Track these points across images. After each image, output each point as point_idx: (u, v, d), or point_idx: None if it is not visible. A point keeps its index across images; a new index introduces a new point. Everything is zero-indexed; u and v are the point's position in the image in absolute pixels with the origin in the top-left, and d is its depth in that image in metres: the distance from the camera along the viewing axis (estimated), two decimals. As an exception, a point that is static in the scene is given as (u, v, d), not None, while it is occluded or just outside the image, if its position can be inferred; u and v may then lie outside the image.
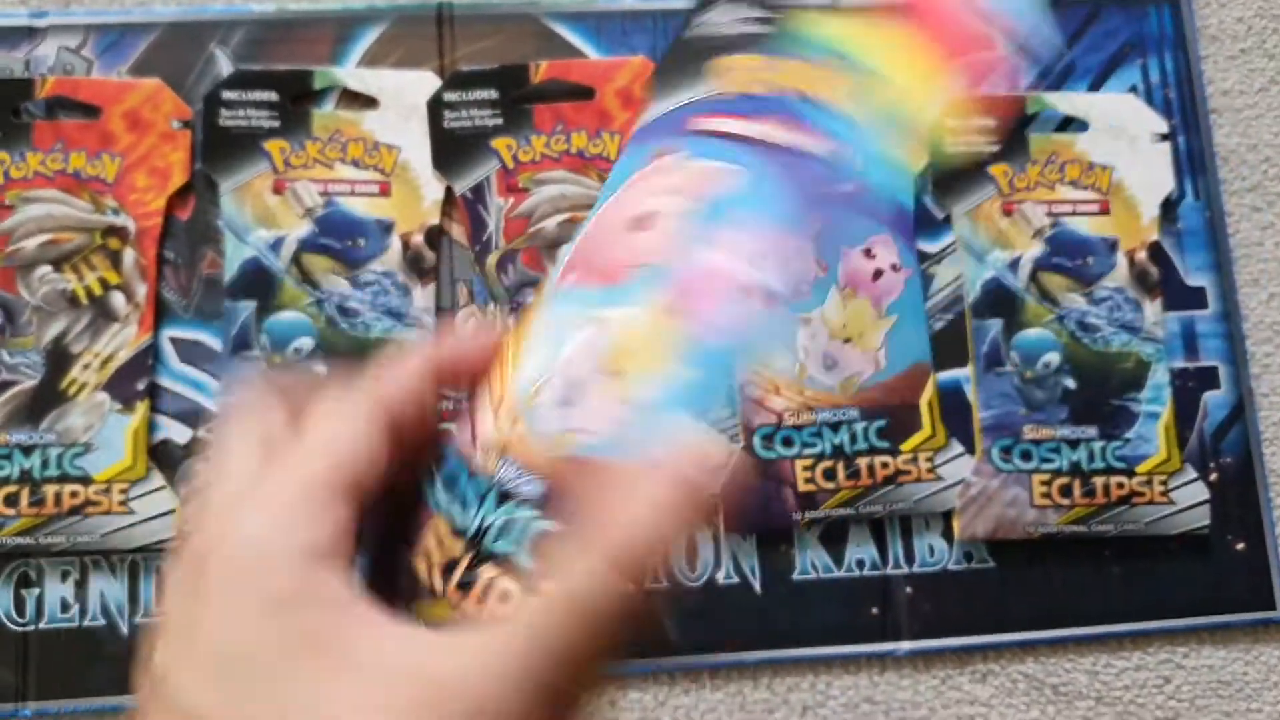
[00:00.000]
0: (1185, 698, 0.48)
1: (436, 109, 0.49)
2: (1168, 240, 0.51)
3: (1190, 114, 0.52)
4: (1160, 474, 0.48)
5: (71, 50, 0.49)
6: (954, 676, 0.48)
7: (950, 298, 0.50)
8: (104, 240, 0.47)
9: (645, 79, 0.49)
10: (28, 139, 0.47)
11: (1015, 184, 0.50)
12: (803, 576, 0.47)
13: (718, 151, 0.25)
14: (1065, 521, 0.47)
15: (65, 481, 0.45)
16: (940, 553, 0.48)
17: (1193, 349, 0.50)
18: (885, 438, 0.47)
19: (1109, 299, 0.49)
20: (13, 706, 0.44)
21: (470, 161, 0.48)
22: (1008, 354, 0.49)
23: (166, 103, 0.48)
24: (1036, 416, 0.48)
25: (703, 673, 0.47)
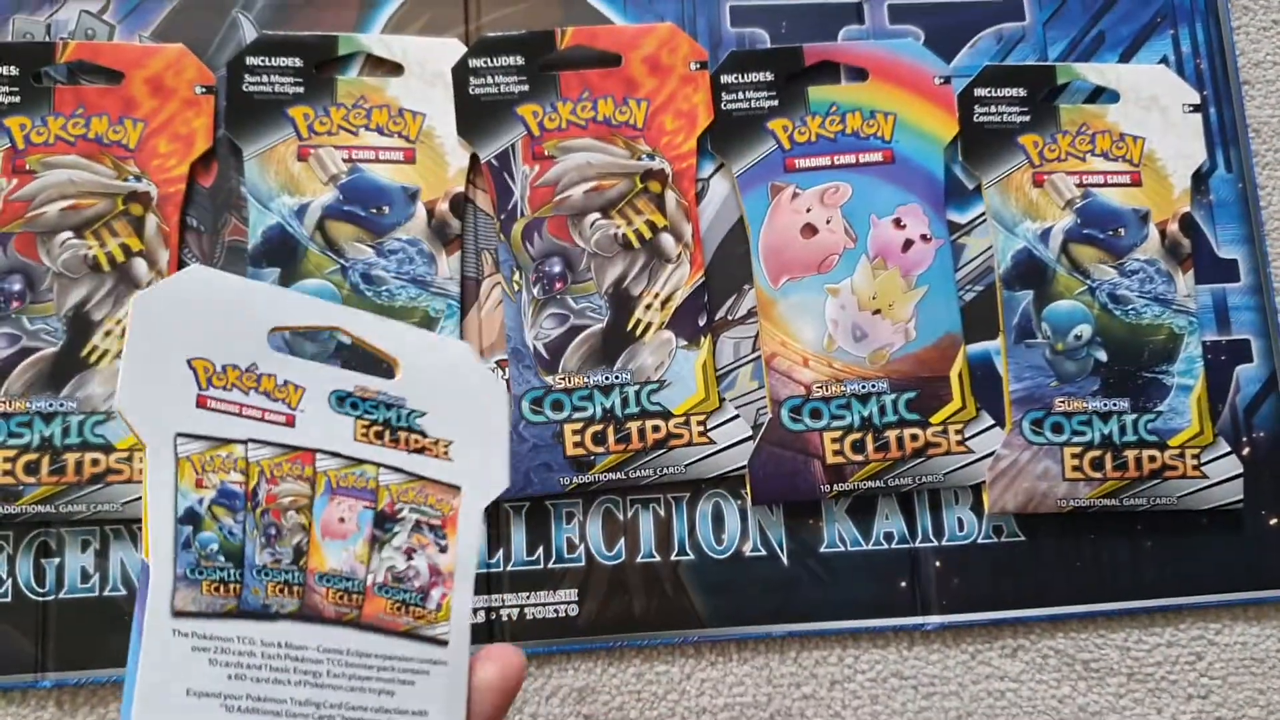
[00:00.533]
0: (1218, 674, 0.47)
1: (462, 75, 0.48)
2: (1199, 212, 0.50)
3: (1222, 85, 0.52)
4: (1193, 448, 0.47)
5: (93, 14, 0.49)
6: (983, 651, 0.47)
7: (980, 269, 0.49)
8: (126, 206, 0.47)
9: (671, 45, 0.49)
10: (49, 104, 0.47)
11: (1046, 154, 0.50)
12: (831, 549, 0.47)
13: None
14: (1096, 495, 0.47)
15: (86, 449, 0.45)
16: (970, 526, 0.47)
17: (1225, 322, 0.49)
18: (915, 410, 0.47)
19: (1140, 271, 0.49)
20: (32, 677, 0.44)
21: (496, 128, 0.48)
22: (1039, 326, 0.48)
23: (189, 68, 0.48)
24: (1068, 389, 0.48)
25: (729, 645, 0.46)
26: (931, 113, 0.49)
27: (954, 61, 0.51)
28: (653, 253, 0.48)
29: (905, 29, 0.51)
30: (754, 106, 0.49)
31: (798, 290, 0.48)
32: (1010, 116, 0.50)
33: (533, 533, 0.46)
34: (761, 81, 0.49)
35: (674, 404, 0.46)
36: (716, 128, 0.49)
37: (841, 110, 0.49)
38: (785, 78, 0.49)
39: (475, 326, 0.47)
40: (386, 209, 0.47)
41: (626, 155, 0.48)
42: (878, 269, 0.48)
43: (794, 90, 0.49)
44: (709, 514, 0.47)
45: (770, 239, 0.48)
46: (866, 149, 0.49)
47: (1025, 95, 0.50)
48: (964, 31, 0.51)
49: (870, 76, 0.50)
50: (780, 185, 0.49)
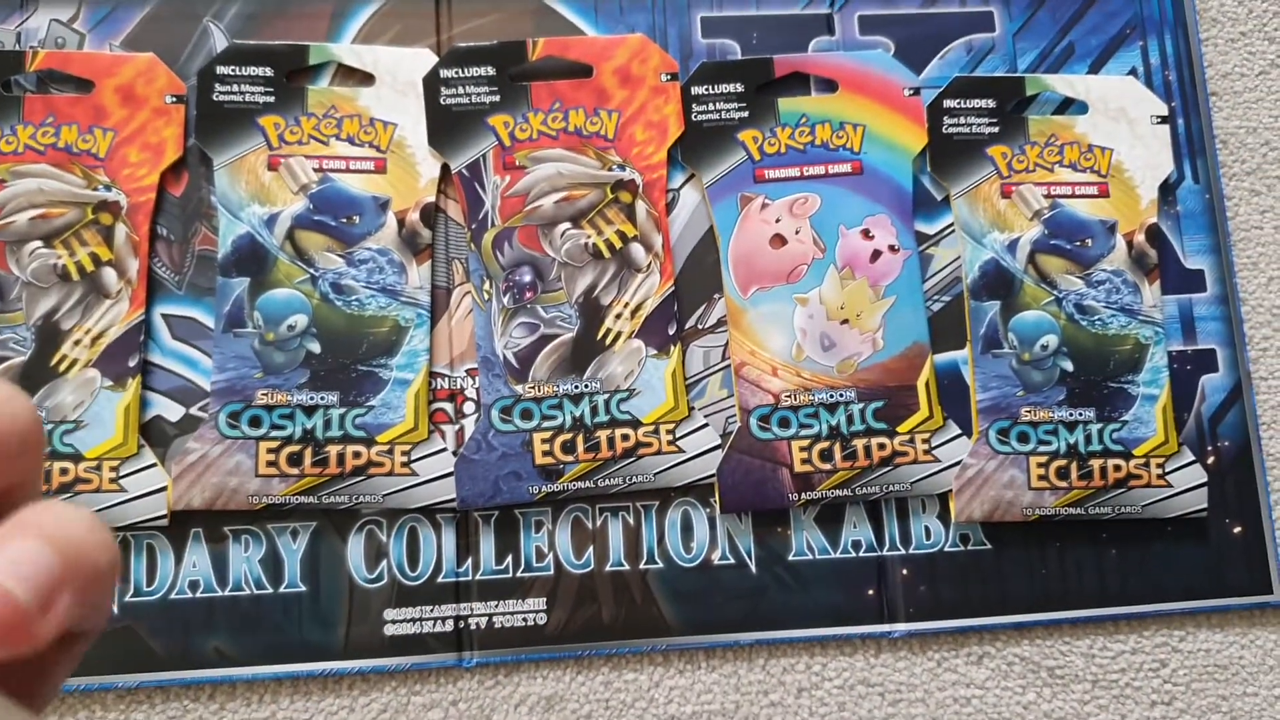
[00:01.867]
0: (1181, 681, 0.48)
1: (433, 85, 0.48)
2: (1166, 223, 0.51)
3: (1190, 97, 0.52)
4: (1158, 457, 0.48)
5: (64, 23, 0.49)
6: (950, 659, 0.47)
7: (948, 279, 0.49)
8: (95, 215, 0.47)
9: (642, 56, 0.49)
10: (18, 112, 0.47)
11: (1014, 165, 0.50)
12: (799, 558, 0.47)
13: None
14: (1062, 504, 0.47)
15: (55, 458, 0.45)
16: (937, 534, 0.48)
17: (1191, 332, 0.50)
18: (882, 419, 0.47)
19: (1107, 281, 0.49)
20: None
21: (467, 138, 0.48)
22: (1005, 336, 0.49)
23: (160, 77, 0.48)
24: (1034, 398, 0.48)
25: (698, 653, 0.47)
26: (901, 124, 0.50)
27: (924, 72, 0.51)
28: (623, 262, 0.48)
29: (875, 40, 0.51)
30: (724, 118, 0.49)
31: (767, 300, 0.48)
32: (979, 128, 0.50)
33: (501, 541, 0.46)
34: (732, 93, 0.49)
35: (644, 413, 0.47)
36: (687, 139, 0.49)
37: (811, 121, 0.49)
38: (755, 89, 0.50)
39: (445, 335, 0.48)
40: (357, 218, 0.47)
41: (597, 166, 0.48)
42: (846, 279, 0.48)
43: (764, 101, 0.49)
44: (678, 522, 0.47)
45: (740, 249, 0.48)
46: (836, 160, 0.49)
47: (994, 106, 0.50)
48: (934, 42, 0.52)
49: (840, 88, 0.50)
50: (750, 196, 0.49)
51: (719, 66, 0.50)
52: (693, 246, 0.49)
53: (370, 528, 0.46)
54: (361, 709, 0.45)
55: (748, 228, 0.49)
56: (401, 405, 0.46)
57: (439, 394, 0.47)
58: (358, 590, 0.45)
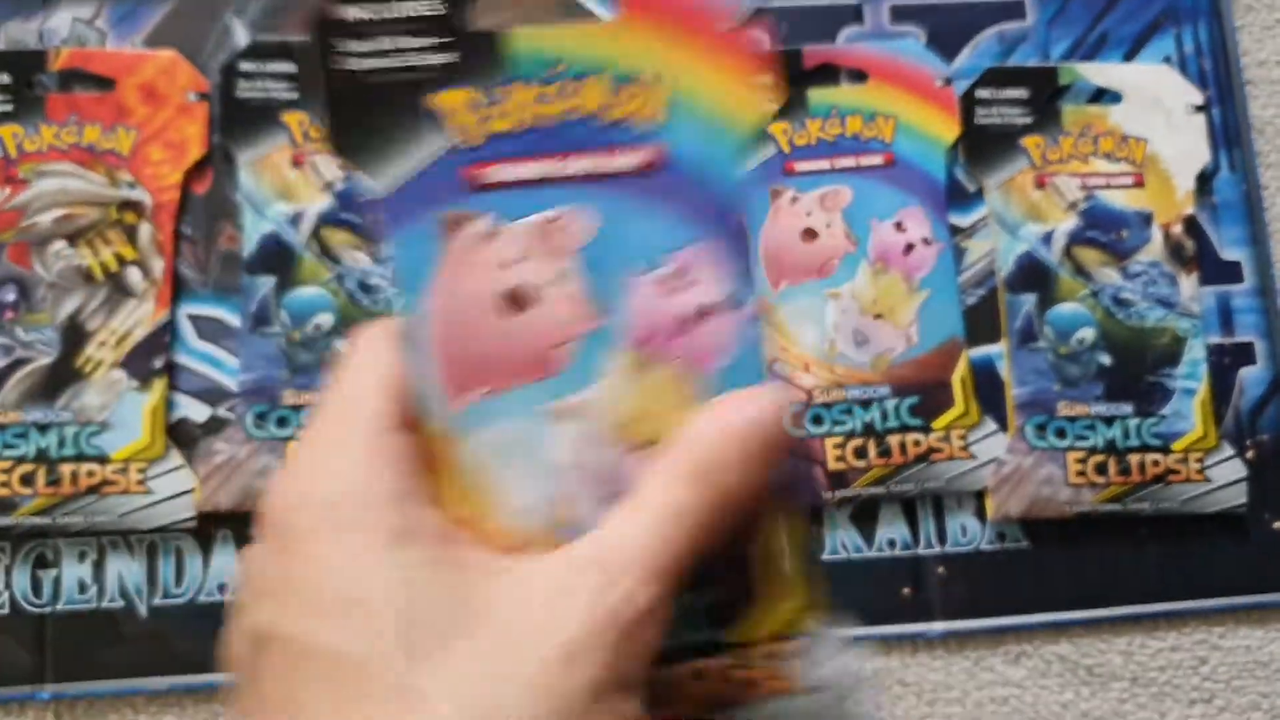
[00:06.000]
0: (1222, 678, 0.47)
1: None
2: (1203, 214, 0.50)
3: (1225, 85, 0.51)
4: (1196, 451, 0.47)
5: (85, 21, 0.48)
6: (987, 658, 0.47)
7: (983, 272, 0.49)
8: (120, 215, 0.46)
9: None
10: (41, 112, 0.46)
11: (1048, 156, 0.49)
12: (833, 556, 0.47)
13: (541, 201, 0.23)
14: (1100, 500, 0.47)
15: (82, 460, 0.44)
16: (973, 532, 0.47)
17: (1229, 324, 0.49)
18: (917, 415, 0.47)
19: (1144, 273, 0.48)
20: (30, 689, 0.44)
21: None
22: (1041, 329, 0.48)
23: (182, 74, 0.47)
24: (1071, 393, 0.47)
25: (732, 654, 0.46)
26: (933, 115, 0.49)
27: (955, 62, 0.50)
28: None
29: (906, 30, 0.51)
30: (753, 109, 0.48)
31: (798, 295, 0.47)
32: (1012, 118, 0.49)
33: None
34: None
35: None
36: (715, 131, 0.48)
37: (841, 113, 0.49)
38: (785, 81, 0.49)
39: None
40: (383, 216, 0.47)
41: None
42: (879, 273, 0.48)
43: (794, 93, 0.49)
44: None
45: (770, 243, 0.48)
46: (867, 152, 0.48)
47: (1027, 96, 0.49)
48: (965, 31, 0.51)
49: (870, 78, 0.49)
50: (780, 189, 0.48)
51: (747, 58, 0.49)
52: (722, 241, 0.48)
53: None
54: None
55: (778, 222, 0.48)
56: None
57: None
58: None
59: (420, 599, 0.18)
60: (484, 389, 0.23)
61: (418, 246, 0.22)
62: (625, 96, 0.23)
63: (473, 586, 0.19)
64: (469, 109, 0.23)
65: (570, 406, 0.23)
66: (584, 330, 0.23)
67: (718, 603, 0.23)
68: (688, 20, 0.23)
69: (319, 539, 0.19)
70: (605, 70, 0.23)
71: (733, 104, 0.24)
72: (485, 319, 0.23)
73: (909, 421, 0.46)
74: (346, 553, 0.18)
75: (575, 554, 0.19)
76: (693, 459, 0.20)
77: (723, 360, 0.23)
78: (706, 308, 0.24)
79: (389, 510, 0.19)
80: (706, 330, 0.24)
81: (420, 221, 0.22)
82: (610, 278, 0.23)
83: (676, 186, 0.23)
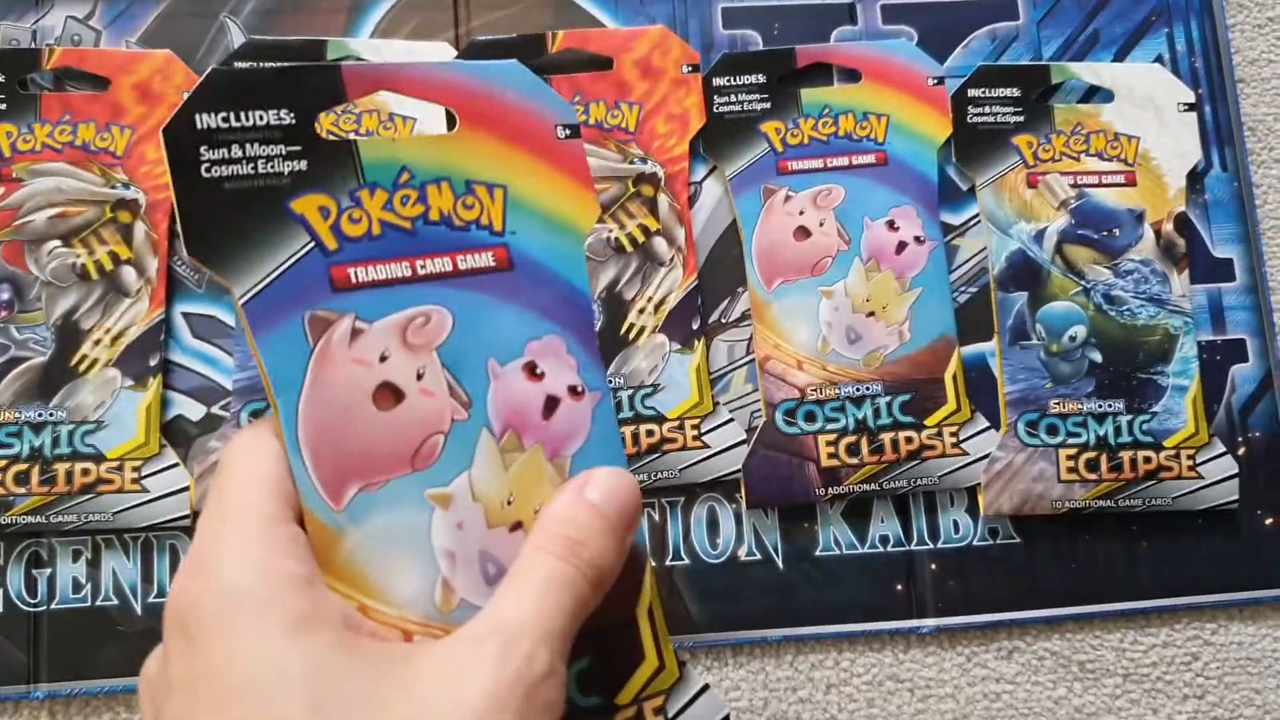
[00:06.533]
0: (1214, 674, 0.47)
1: (452, 79, 0.48)
2: (1194, 212, 0.50)
3: (1217, 84, 0.51)
4: (1188, 448, 0.47)
5: (80, 20, 0.48)
6: (979, 654, 0.47)
7: (974, 270, 0.49)
8: (114, 214, 0.46)
9: (663, 48, 0.49)
10: (35, 110, 0.46)
11: (1040, 155, 0.49)
12: (826, 553, 0.47)
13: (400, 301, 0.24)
14: (1092, 497, 0.47)
15: (76, 459, 0.44)
16: (965, 529, 0.47)
17: (1220, 322, 0.49)
18: (909, 412, 0.47)
19: (1135, 271, 0.49)
20: (25, 688, 0.44)
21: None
22: (1033, 327, 0.48)
23: (177, 74, 0.47)
24: (1062, 390, 0.48)
25: (725, 650, 0.46)
26: (925, 114, 0.49)
27: (947, 62, 0.51)
28: (646, 256, 0.47)
29: (898, 29, 0.51)
30: (746, 109, 0.49)
31: (791, 293, 0.47)
32: (1004, 117, 0.49)
33: (527, 539, 0.46)
34: (754, 84, 0.49)
35: (668, 408, 0.46)
36: (709, 131, 0.48)
37: (834, 112, 0.49)
38: (777, 80, 0.49)
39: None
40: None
41: (619, 159, 0.48)
42: (871, 271, 0.48)
43: (786, 92, 0.49)
44: (704, 518, 0.47)
45: (763, 242, 0.48)
46: (859, 151, 0.48)
47: (1019, 95, 0.49)
48: (957, 31, 0.51)
49: (863, 78, 0.49)
50: (773, 188, 0.48)
51: (740, 58, 0.49)
52: (715, 239, 0.49)
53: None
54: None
55: (771, 220, 0.48)
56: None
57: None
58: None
59: (327, 682, 0.19)
60: (361, 483, 0.24)
61: (286, 348, 0.23)
62: (471, 201, 0.26)
63: (379, 668, 0.19)
64: (325, 214, 0.24)
65: (444, 494, 0.24)
66: (451, 422, 0.24)
67: (588, 669, 0.25)
68: (523, 132, 0.26)
69: (223, 630, 0.19)
70: (450, 178, 0.25)
71: (568, 208, 0.27)
72: (357, 416, 0.24)
73: (901, 419, 0.47)
74: (251, 641, 0.19)
75: (473, 630, 0.21)
76: (563, 534, 0.22)
77: (579, 441, 0.26)
78: (562, 394, 0.26)
79: (291, 597, 0.19)
80: (563, 415, 0.26)
81: (286, 323, 0.23)
82: (471, 370, 0.25)
83: (524, 284, 0.26)
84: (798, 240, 0.48)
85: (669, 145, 0.48)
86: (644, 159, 0.48)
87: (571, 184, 0.27)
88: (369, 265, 0.24)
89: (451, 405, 0.25)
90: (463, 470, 0.25)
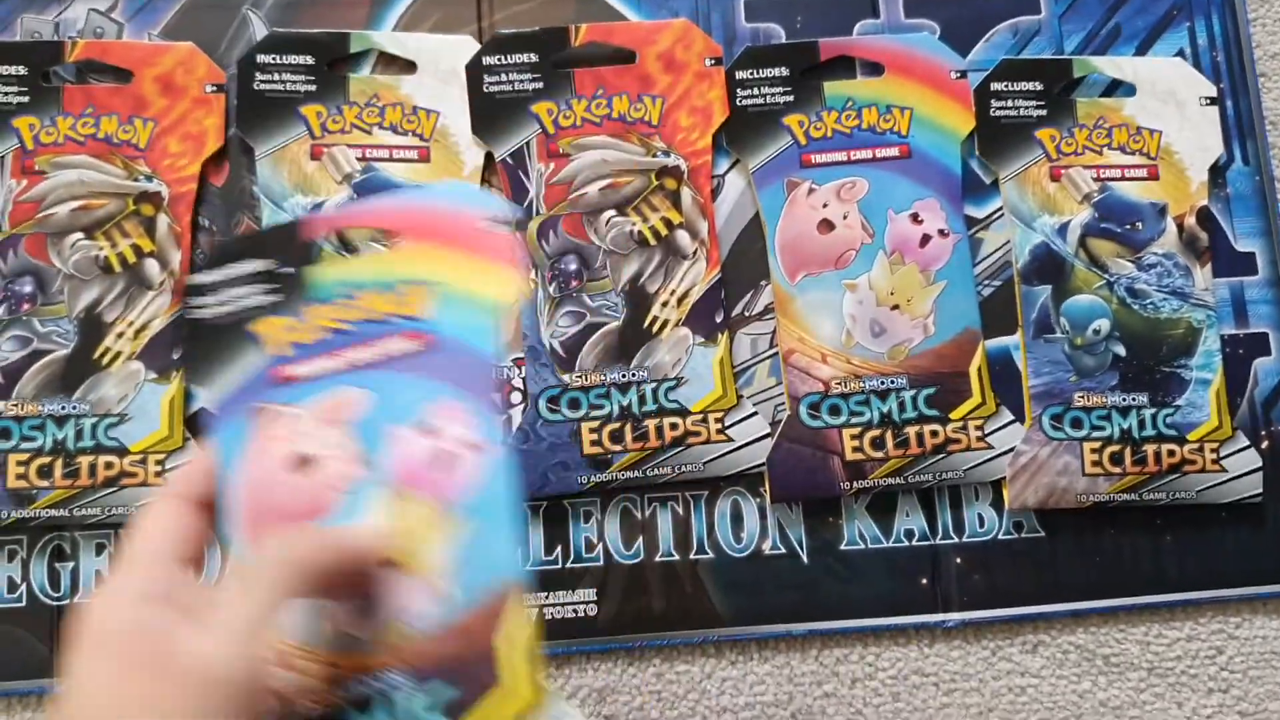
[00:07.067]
0: (1238, 668, 0.47)
1: (476, 73, 0.48)
2: (1217, 205, 0.50)
3: (1239, 77, 0.51)
4: (1212, 441, 0.47)
5: (102, 13, 0.48)
6: (1004, 647, 0.47)
7: (998, 263, 0.49)
8: (137, 206, 0.46)
9: (686, 41, 0.48)
10: (58, 103, 0.46)
11: (1062, 148, 0.49)
12: (851, 547, 0.47)
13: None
14: (1116, 490, 0.47)
15: (100, 453, 0.44)
16: (990, 522, 0.47)
17: (1243, 315, 0.49)
18: (934, 406, 0.47)
19: (1158, 265, 0.49)
20: (47, 682, 0.44)
21: (510, 126, 0.47)
22: (1057, 320, 0.48)
23: (200, 66, 0.47)
24: (1087, 384, 0.47)
25: (750, 644, 0.46)
26: (948, 107, 0.49)
27: (970, 55, 0.51)
28: (669, 249, 0.47)
29: (921, 23, 0.51)
30: (769, 102, 0.49)
31: (815, 286, 0.47)
32: (1027, 110, 0.49)
33: (550, 532, 0.46)
34: (777, 77, 0.49)
35: (692, 401, 0.46)
36: (732, 124, 0.48)
37: (858, 105, 0.49)
38: (800, 73, 0.49)
39: (491, 325, 0.47)
40: (401, 207, 0.47)
41: (642, 152, 0.48)
42: (895, 264, 0.48)
43: (809, 85, 0.49)
44: (728, 512, 0.47)
45: (787, 235, 0.48)
46: (883, 144, 0.48)
47: (1041, 89, 0.49)
48: (980, 25, 0.51)
49: (886, 71, 0.49)
50: (796, 181, 0.48)
51: (763, 51, 0.49)
52: (738, 233, 0.48)
53: (419, 520, 0.46)
54: (412, 703, 0.45)
55: (795, 213, 0.48)
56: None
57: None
58: (407, 583, 0.45)
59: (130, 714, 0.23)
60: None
61: (233, 432, 0.30)
62: (401, 298, 0.30)
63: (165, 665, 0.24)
64: (281, 330, 0.30)
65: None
66: (353, 479, 0.29)
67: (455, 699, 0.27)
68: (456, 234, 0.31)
69: (87, 665, 0.23)
70: (385, 283, 0.30)
71: (488, 288, 0.30)
72: (276, 479, 0.29)
73: (926, 412, 0.47)
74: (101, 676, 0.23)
75: None
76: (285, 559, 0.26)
77: (471, 494, 0.29)
78: (458, 451, 0.29)
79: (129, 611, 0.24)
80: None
81: (238, 415, 0.30)
82: (378, 437, 0.30)
83: (439, 360, 0.30)
84: (821, 233, 0.48)
85: (692, 138, 0.48)
86: (667, 152, 0.48)
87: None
88: (308, 363, 0.30)
89: (354, 467, 0.29)
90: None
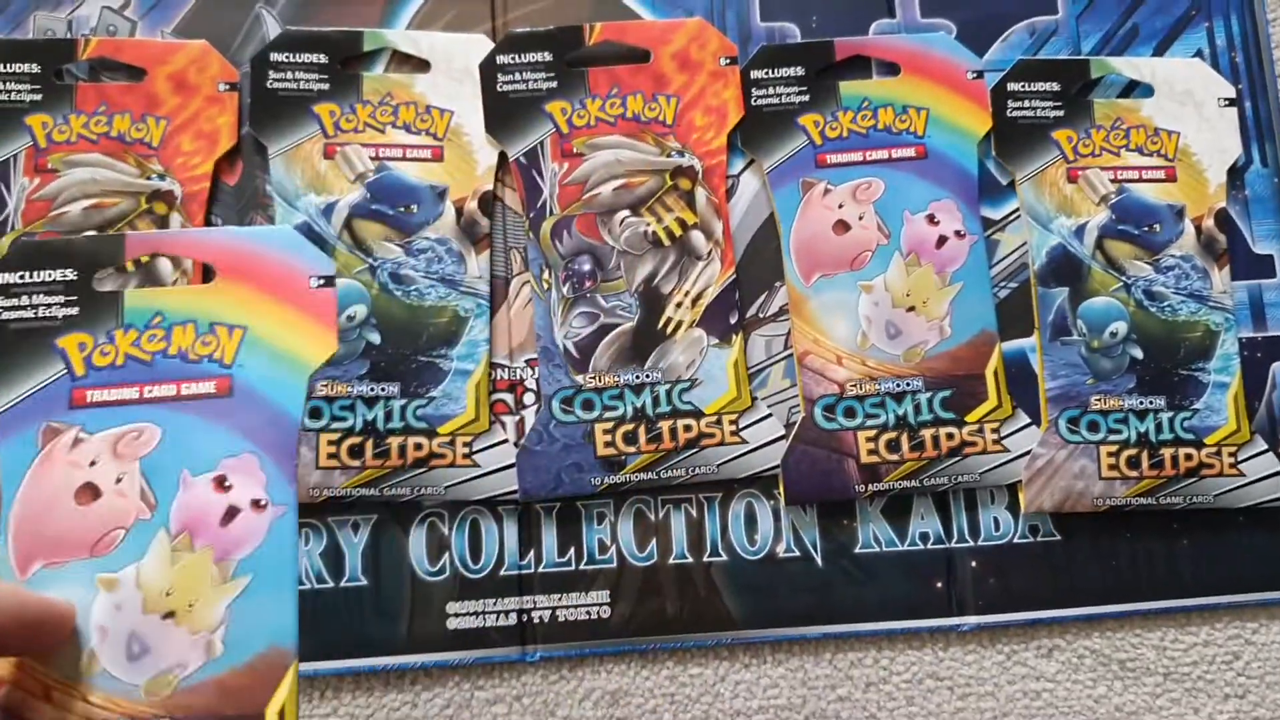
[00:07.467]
0: (1255, 674, 0.47)
1: (489, 72, 0.47)
2: (1235, 207, 0.50)
3: (1258, 79, 0.51)
4: (1229, 445, 0.47)
5: (115, 10, 0.48)
6: (1020, 652, 0.47)
7: (1015, 265, 0.48)
8: (149, 205, 0.46)
9: (701, 40, 0.48)
10: (70, 101, 0.46)
11: (1080, 149, 0.49)
12: (865, 550, 0.46)
13: (125, 418, 0.30)
14: (1133, 494, 0.46)
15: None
16: (1006, 526, 0.47)
17: (1261, 318, 0.49)
18: (950, 408, 0.46)
19: (1176, 267, 0.48)
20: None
21: (524, 126, 0.47)
22: (1074, 323, 0.48)
23: (213, 64, 0.47)
24: (1103, 387, 0.47)
25: (764, 647, 0.46)
26: (964, 107, 0.49)
27: (986, 56, 0.50)
28: (683, 250, 0.47)
29: (937, 23, 0.51)
30: (784, 102, 0.48)
31: (830, 287, 0.47)
32: (1044, 111, 0.49)
33: (564, 534, 0.46)
34: (792, 77, 0.48)
35: (705, 403, 0.46)
36: (747, 123, 0.48)
37: (873, 105, 0.48)
38: (816, 72, 0.49)
39: (504, 326, 0.47)
40: (415, 207, 0.46)
41: (656, 152, 0.47)
42: (911, 265, 0.47)
43: (825, 85, 0.49)
44: (741, 514, 0.46)
45: (802, 235, 0.48)
46: (899, 144, 0.48)
47: (1059, 90, 0.49)
48: (996, 25, 0.51)
49: (902, 71, 0.49)
50: (812, 181, 0.48)
51: (779, 50, 0.49)
52: (753, 233, 0.48)
53: (432, 520, 0.45)
54: (424, 704, 0.44)
55: (810, 214, 0.48)
56: (462, 396, 0.45)
57: (499, 384, 0.46)
58: (420, 583, 0.45)
59: None
60: (45, 561, 0.29)
61: (19, 450, 0.30)
62: (209, 339, 0.31)
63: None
64: (82, 348, 0.31)
65: (111, 579, 0.30)
66: (135, 519, 0.30)
67: None
68: (277, 283, 0.32)
69: None
70: (196, 320, 0.31)
71: (300, 346, 0.31)
72: (57, 507, 0.30)
73: (942, 415, 0.46)
74: None
75: None
76: None
77: (251, 548, 0.30)
78: (244, 505, 0.30)
79: None
80: (240, 524, 0.31)
81: (27, 430, 0.30)
82: (166, 479, 0.30)
83: (238, 409, 0.31)
84: (837, 234, 0.48)
85: (707, 138, 0.48)
86: (681, 152, 0.48)
87: (313, 326, 0.32)
88: (105, 389, 0.31)
89: (139, 507, 0.30)
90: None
